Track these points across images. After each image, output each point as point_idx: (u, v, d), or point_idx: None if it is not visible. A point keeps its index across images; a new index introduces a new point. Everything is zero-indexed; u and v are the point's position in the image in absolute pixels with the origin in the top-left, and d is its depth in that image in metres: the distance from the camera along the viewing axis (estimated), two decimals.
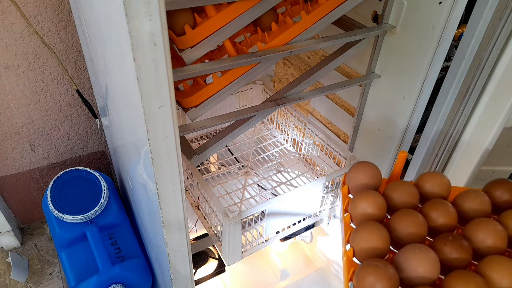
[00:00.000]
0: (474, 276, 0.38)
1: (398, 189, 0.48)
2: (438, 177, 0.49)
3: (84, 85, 1.14)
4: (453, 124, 0.76)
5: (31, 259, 1.24)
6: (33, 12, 0.95)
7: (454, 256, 0.41)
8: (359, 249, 0.43)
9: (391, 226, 0.45)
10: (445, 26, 0.67)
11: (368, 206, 0.46)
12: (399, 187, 0.48)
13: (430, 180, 0.49)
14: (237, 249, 0.76)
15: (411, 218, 0.44)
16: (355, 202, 0.47)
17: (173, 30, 0.60)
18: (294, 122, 1.02)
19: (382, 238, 0.42)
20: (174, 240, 0.57)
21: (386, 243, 0.42)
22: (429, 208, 0.46)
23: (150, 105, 0.40)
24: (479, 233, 0.43)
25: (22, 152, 1.17)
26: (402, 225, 0.44)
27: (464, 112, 0.74)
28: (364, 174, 0.49)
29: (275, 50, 0.67)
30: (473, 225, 0.44)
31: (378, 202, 0.46)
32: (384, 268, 0.39)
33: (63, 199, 0.88)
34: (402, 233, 0.44)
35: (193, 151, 0.78)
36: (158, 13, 0.35)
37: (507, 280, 0.38)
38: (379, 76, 0.81)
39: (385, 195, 0.48)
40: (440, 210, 0.45)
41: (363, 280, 0.39)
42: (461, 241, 0.42)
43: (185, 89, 0.71)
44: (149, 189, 0.56)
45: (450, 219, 0.45)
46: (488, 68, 0.68)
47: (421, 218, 0.44)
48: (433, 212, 0.46)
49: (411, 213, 0.45)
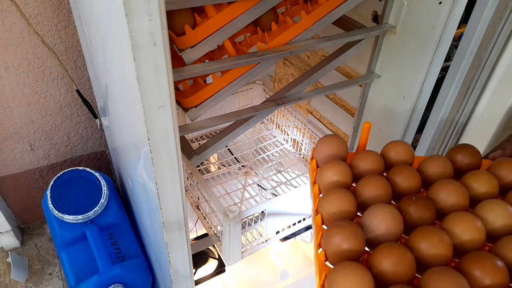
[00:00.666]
0: (437, 230, 0.39)
1: (364, 158, 0.49)
2: (402, 145, 0.51)
3: (84, 85, 1.14)
4: (453, 124, 0.76)
5: (31, 259, 1.24)
6: (33, 12, 0.95)
7: (418, 215, 0.42)
8: (327, 215, 0.44)
9: (357, 192, 0.46)
10: (445, 26, 0.67)
11: (334, 174, 0.47)
12: (365, 156, 0.49)
13: (394, 148, 0.50)
14: (237, 249, 0.76)
15: (375, 182, 0.45)
16: (321, 172, 0.48)
17: (173, 30, 0.60)
18: (294, 122, 1.02)
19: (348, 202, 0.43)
20: (174, 240, 0.57)
21: (353, 207, 0.43)
22: (393, 174, 0.47)
23: (150, 105, 0.40)
24: (442, 193, 0.44)
25: (22, 152, 1.17)
26: (367, 189, 0.45)
27: (464, 112, 0.74)
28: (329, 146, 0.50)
29: (275, 50, 0.67)
30: (436, 186, 0.45)
31: (343, 170, 0.47)
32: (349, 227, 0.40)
33: (63, 199, 0.88)
34: (368, 197, 0.45)
35: (193, 151, 0.78)
36: (158, 13, 0.35)
37: (469, 234, 0.39)
38: (379, 76, 0.81)
39: (351, 165, 0.50)
40: (404, 175, 0.47)
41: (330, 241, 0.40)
42: (424, 200, 0.43)
43: (185, 89, 0.71)
44: (149, 189, 0.56)
45: (414, 182, 0.46)
46: (488, 68, 0.68)
47: (385, 182, 0.45)
48: (398, 176, 0.47)
49: (375, 177, 0.46)
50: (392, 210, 0.41)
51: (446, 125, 0.77)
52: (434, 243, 0.38)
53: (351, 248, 0.39)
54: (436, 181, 0.46)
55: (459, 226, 0.40)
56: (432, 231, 0.39)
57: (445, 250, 0.38)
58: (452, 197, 0.43)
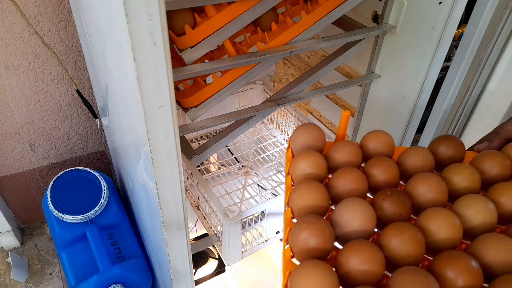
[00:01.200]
0: (409, 227, 0.37)
1: (341, 148, 0.46)
2: (381, 136, 0.47)
3: (84, 85, 1.14)
4: (454, 124, 0.76)
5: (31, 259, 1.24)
6: (33, 12, 0.95)
7: (393, 210, 0.39)
8: (297, 208, 0.41)
9: (331, 185, 0.43)
10: (445, 26, 0.67)
11: (307, 165, 0.44)
12: (341, 146, 0.46)
13: (373, 138, 0.47)
14: (237, 249, 0.76)
15: (350, 175, 0.42)
16: (294, 163, 0.45)
17: (173, 30, 0.60)
18: (294, 122, 1.02)
19: (319, 195, 0.41)
20: (174, 240, 0.57)
21: (325, 201, 0.41)
22: (370, 166, 0.44)
23: (150, 105, 0.40)
24: (420, 187, 0.41)
25: (22, 152, 1.17)
26: (340, 183, 0.42)
27: (464, 112, 0.74)
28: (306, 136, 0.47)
29: (275, 50, 0.67)
30: (414, 180, 0.42)
31: (317, 161, 0.44)
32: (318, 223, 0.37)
33: (63, 199, 0.88)
34: (341, 190, 0.42)
35: (193, 151, 0.78)
36: (158, 13, 0.35)
37: (444, 231, 0.37)
38: (379, 76, 0.81)
39: (327, 157, 0.47)
40: (381, 167, 0.44)
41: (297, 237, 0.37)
42: (399, 195, 0.40)
43: (185, 89, 0.71)
44: (149, 189, 0.56)
45: (391, 175, 0.43)
46: (488, 68, 0.68)
47: (360, 175, 0.42)
48: (374, 169, 0.44)
49: (350, 170, 0.43)
50: (364, 205, 0.38)
51: (446, 125, 0.77)
52: (405, 240, 0.36)
53: (319, 246, 0.36)
54: (415, 175, 0.43)
55: (434, 223, 0.38)
56: (403, 228, 0.37)
57: (417, 249, 0.36)
58: (431, 191, 0.41)
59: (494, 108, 0.72)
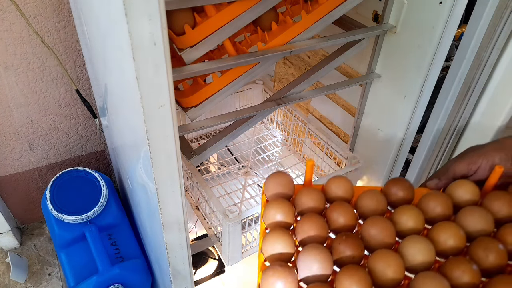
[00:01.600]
0: (359, 269, 0.42)
1: (304, 195, 0.51)
2: (341, 181, 0.53)
3: (84, 85, 1.14)
4: (454, 124, 0.76)
5: (30, 259, 1.24)
6: (32, 12, 0.95)
7: (348, 253, 0.45)
8: (267, 255, 0.47)
9: (296, 231, 0.49)
10: (445, 26, 0.66)
11: (276, 213, 0.49)
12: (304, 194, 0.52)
13: (334, 183, 0.53)
14: (237, 250, 0.76)
15: (311, 221, 0.48)
16: (266, 210, 0.50)
17: (173, 30, 0.60)
18: (294, 122, 1.02)
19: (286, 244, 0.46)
20: (174, 241, 0.57)
21: (291, 248, 0.46)
22: (330, 211, 0.50)
23: (150, 105, 0.40)
24: (372, 229, 0.47)
25: (21, 152, 1.17)
26: (304, 229, 0.48)
27: (464, 112, 0.74)
28: (276, 184, 0.52)
29: (275, 50, 0.66)
30: (367, 223, 0.48)
31: (285, 209, 0.50)
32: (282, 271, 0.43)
33: (62, 199, 0.88)
34: (305, 237, 0.47)
35: (193, 151, 0.77)
36: (158, 13, 0.35)
37: (391, 271, 0.42)
38: (379, 76, 0.81)
39: (295, 202, 0.52)
40: (339, 211, 0.49)
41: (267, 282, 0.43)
42: (353, 239, 0.46)
43: (184, 89, 0.71)
44: (149, 189, 0.56)
45: (349, 219, 0.49)
46: (488, 68, 0.68)
47: (320, 221, 0.48)
48: (334, 213, 0.49)
49: (311, 217, 0.48)
50: (321, 250, 0.44)
51: (447, 125, 0.77)
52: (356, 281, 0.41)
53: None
54: (368, 218, 0.48)
55: (380, 264, 0.43)
56: (354, 270, 0.42)
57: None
58: (380, 233, 0.46)
59: (495, 108, 0.72)
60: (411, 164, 0.86)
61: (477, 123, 0.75)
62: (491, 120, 0.73)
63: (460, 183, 0.50)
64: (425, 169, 0.84)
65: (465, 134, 0.77)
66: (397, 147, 0.84)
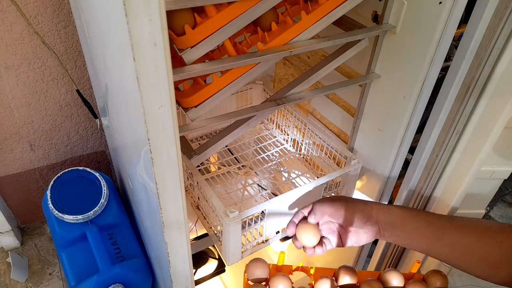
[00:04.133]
0: None
1: (275, 282, 0.68)
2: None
3: (84, 85, 1.14)
4: (453, 124, 0.76)
5: (31, 259, 1.24)
6: (33, 12, 0.95)
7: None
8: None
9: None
10: (445, 26, 0.66)
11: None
12: (277, 279, 0.69)
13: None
14: (237, 249, 0.76)
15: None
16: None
17: (173, 30, 0.60)
18: (294, 122, 1.02)
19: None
20: (174, 240, 0.57)
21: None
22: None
23: (150, 105, 0.40)
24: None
25: (22, 152, 1.17)
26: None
27: (464, 112, 0.74)
28: (255, 270, 0.69)
29: (275, 50, 0.67)
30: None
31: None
32: None
33: (63, 199, 0.88)
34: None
35: (193, 151, 0.78)
36: (158, 13, 0.35)
37: None
38: (379, 76, 0.81)
39: (270, 284, 0.68)
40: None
41: None
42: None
43: (185, 89, 0.71)
44: (149, 189, 0.56)
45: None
46: (488, 68, 0.68)
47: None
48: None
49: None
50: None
51: (447, 125, 0.77)
52: None
53: None
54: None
55: None
56: None
57: None
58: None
59: (495, 108, 0.72)
60: (410, 165, 0.86)
61: (476, 123, 0.75)
62: (491, 120, 0.73)
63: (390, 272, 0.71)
64: (425, 169, 0.85)
65: (465, 134, 0.77)
66: (396, 147, 0.84)
